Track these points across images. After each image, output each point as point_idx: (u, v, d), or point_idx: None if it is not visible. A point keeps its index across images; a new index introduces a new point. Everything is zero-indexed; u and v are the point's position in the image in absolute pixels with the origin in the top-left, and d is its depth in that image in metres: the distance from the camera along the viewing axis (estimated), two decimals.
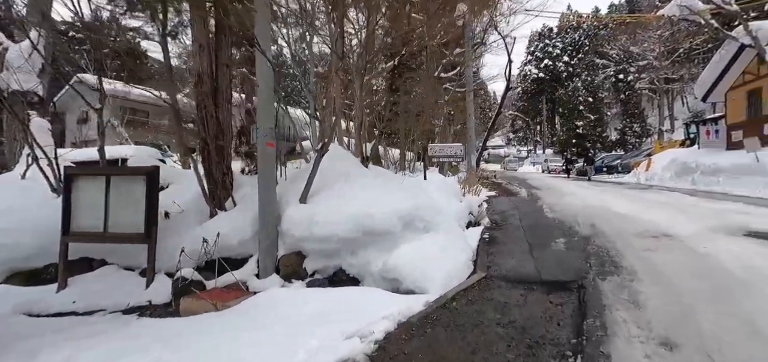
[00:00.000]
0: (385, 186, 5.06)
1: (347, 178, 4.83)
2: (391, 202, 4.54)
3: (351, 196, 4.51)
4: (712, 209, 6.88)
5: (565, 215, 7.11)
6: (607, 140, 39.70)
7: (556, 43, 51.24)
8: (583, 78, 42.81)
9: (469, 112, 13.87)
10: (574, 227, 5.96)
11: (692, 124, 21.55)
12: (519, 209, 8.47)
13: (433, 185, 7.03)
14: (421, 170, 18.17)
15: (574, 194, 10.99)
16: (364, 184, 4.87)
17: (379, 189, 4.83)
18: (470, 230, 6.36)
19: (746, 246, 4.15)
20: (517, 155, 53.59)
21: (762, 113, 12.94)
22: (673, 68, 35.45)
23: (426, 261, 4.07)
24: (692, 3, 11.12)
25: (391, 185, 5.22)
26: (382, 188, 4.94)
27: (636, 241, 4.70)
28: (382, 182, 5.20)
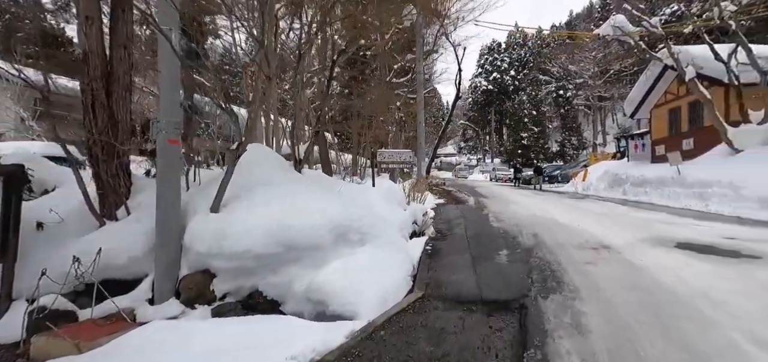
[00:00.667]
0: (318, 194, 4.51)
1: (272, 184, 4.22)
2: (322, 212, 4.00)
3: (275, 205, 3.90)
4: (642, 219, 7.14)
5: (509, 225, 7.01)
6: (548, 152, 42.20)
7: (504, 58, 53.85)
8: (528, 92, 45.39)
9: (420, 119, 13.73)
10: (518, 237, 5.81)
11: (622, 138, 23.40)
12: (465, 218, 8.32)
13: (377, 192, 6.60)
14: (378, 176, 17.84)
15: (518, 202, 11.16)
16: (293, 191, 4.29)
17: (310, 197, 4.28)
18: (414, 241, 6.00)
19: (677, 258, 4.15)
20: (467, 163, 55.29)
21: (681, 129, 14.18)
22: (605, 87, 38.62)
23: (359, 280, 3.58)
24: (624, 25, 11.87)
25: (326, 192, 4.69)
26: (315, 196, 4.39)
27: (577, 253, 4.58)
28: (315, 189, 4.64)
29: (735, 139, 10.03)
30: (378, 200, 6.28)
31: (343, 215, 4.12)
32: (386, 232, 4.78)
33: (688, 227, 6.01)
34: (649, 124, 16.75)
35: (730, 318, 2.57)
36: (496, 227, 6.93)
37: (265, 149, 4.68)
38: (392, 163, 12.75)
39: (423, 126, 13.91)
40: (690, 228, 5.93)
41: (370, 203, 5.71)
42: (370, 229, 4.35)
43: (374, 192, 6.58)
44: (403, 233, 5.98)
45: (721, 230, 5.65)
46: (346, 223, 4.06)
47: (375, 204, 6.00)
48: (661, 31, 11.33)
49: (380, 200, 6.30)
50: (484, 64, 54.88)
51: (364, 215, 4.48)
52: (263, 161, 4.42)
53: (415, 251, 5.19)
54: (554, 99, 46.94)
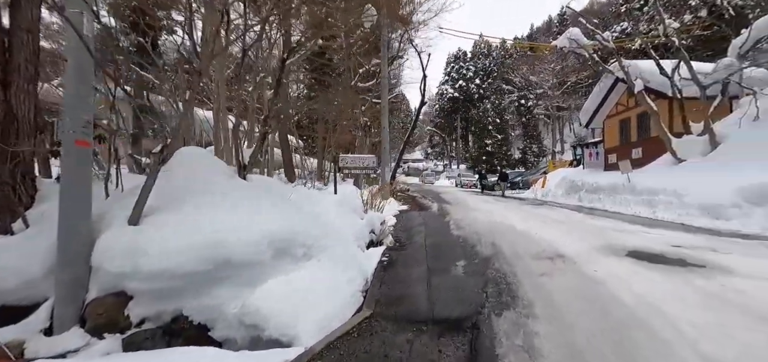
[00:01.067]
0: (262, 203, 4.11)
1: (208, 192, 3.78)
2: (262, 223, 3.63)
3: (208, 216, 3.48)
4: (597, 226, 7.28)
5: (469, 233, 6.91)
6: (511, 158, 43.57)
7: (469, 67, 55.25)
8: (492, 101, 46.75)
9: (384, 124, 13.54)
10: (476, 246, 5.68)
11: (578, 147, 24.49)
12: (427, 226, 8.16)
13: (332, 200, 6.26)
14: (341, 182, 17.39)
15: (479, 209, 11.20)
16: (232, 200, 3.87)
17: (251, 207, 3.88)
18: (371, 251, 5.73)
19: (629, 268, 4.14)
20: (434, 169, 56.02)
21: (631, 139, 14.95)
22: (563, 98, 40.57)
23: (301, 299, 3.25)
24: (579, 38, 12.33)
25: (273, 201, 4.29)
26: (258, 205, 3.99)
27: (533, 264, 4.48)
28: (260, 197, 4.24)
29: (678, 149, 10.63)
30: (332, 209, 5.96)
31: (287, 227, 3.76)
32: (338, 244, 4.46)
33: (639, 235, 6.15)
34: (603, 133, 17.58)
35: (684, 341, 2.48)
36: (456, 235, 6.79)
37: (202, 152, 4.22)
38: (355, 168, 12.48)
39: (387, 131, 13.72)
40: (640, 236, 6.07)
41: (323, 212, 5.37)
42: (317, 241, 4.01)
43: (330, 200, 6.25)
44: (360, 243, 5.70)
45: (669, 238, 5.81)
46: (290, 236, 3.71)
47: (328, 213, 5.68)
48: (612, 45, 11.86)
49: (335, 209, 5.98)
50: (451, 72, 56.03)
51: (312, 227, 4.14)
52: (198, 166, 3.96)
53: (370, 263, 4.92)
54: (516, 108, 48.69)
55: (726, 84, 10.17)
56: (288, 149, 21.07)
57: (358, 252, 5.18)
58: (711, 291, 3.31)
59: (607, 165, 16.29)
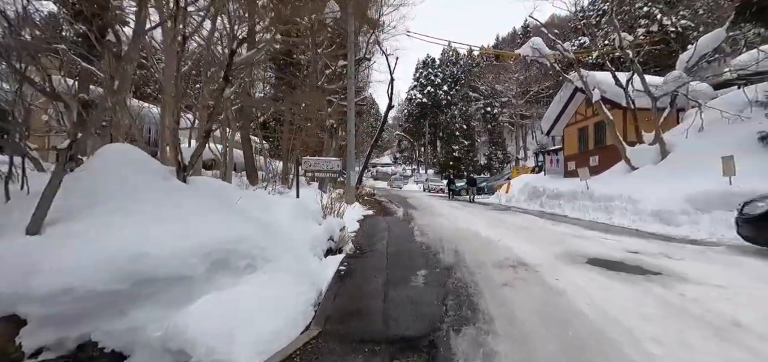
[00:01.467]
0: (200, 208, 3.67)
1: (132, 196, 3.29)
2: (198, 232, 3.20)
3: (130, 224, 3.00)
4: (558, 233, 7.33)
5: (432, 239, 6.72)
6: (477, 164, 44.52)
7: (437, 73, 56.10)
8: (460, 107, 47.68)
9: (350, 127, 13.21)
10: (439, 254, 5.48)
11: (540, 153, 25.33)
12: (390, 232, 7.91)
13: (288, 205, 5.85)
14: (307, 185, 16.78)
15: (444, 215, 11.12)
16: (163, 204, 3.40)
17: (186, 213, 3.43)
18: (329, 260, 5.37)
19: (589, 277, 4.07)
20: (402, 173, 56.20)
21: (589, 147, 15.53)
22: (526, 106, 42.04)
23: (239, 318, 2.86)
24: (541, 47, 12.65)
25: (213, 206, 3.85)
26: (194, 211, 3.55)
27: (495, 273, 4.32)
28: (201, 202, 3.79)
29: (632, 157, 11.09)
30: (287, 215, 5.55)
31: (229, 236, 3.35)
32: (289, 253, 4.09)
33: (597, 242, 6.20)
34: (562, 141, 18.21)
35: (645, 357, 2.35)
36: (419, 242, 6.58)
37: (131, 150, 3.70)
38: (318, 171, 12.01)
39: (353, 133, 13.40)
40: (599, 243, 6.12)
41: (275, 219, 4.97)
42: (264, 251, 3.62)
43: (285, 205, 5.83)
44: (317, 251, 5.33)
45: (626, 244, 5.89)
46: (231, 246, 3.30)
47: (282, 220, 5.27)
48: (572, 55, 12.26)
49: (290, 215, 5.58)
50: (419, 78, 56.61)
51: (259, 235, 3.75)
52: (123, 166, 3.46)
53: (326, 273, 4.58)
54: (483, 115, 49.90)
55: (674, 96, 10.75)
56: (250, 151, 20.23)
57: (313, 262, 4.82)
58: (670, 301, 3.26)
59: (567, 172, 16.86)
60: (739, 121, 9.23)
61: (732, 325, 2.75)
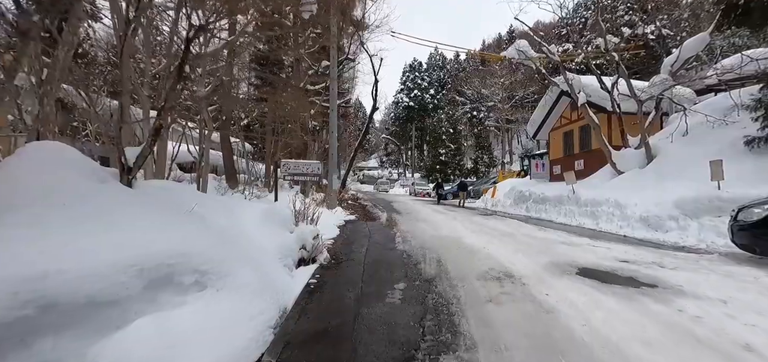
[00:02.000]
0: (144, 215, 3.18)
1: (57, 204, 2.79)
2: (133, 245, 2.72)
3: (51, 235, 2.51)
4: (545, 240, 7.03)
5: (414, 247, 6.33)
6: (464, 168, 44.53)
7: (424, 77, 56.11)
8: (446, 111, 47.67)
9: (332, 128, 12.74)
10: (420, 264, 5.08)
11: (525, 157, 25.32)
12: (371, 239, 7.49)
13: (257, 210, 5.37)
14: (289, 189, 16.20)
15: (428, 220, 10.75)
16: (98, 213, 2.90)
17: (121, 222, 2.94)
18: (300, 271, 4.92)
19: (581, 291, 3.74)
20: (389, 177, 55.91)
21: (574, 151, 15.44)
22: (512, 111, 42.25)
23: (178, 347, 2.41)
24: (526, 49, 12.47)
25: (159, 213, 3.36)
26: (133, 219, 3.06)
27: (479, 287, 3.94)
28: (142, 209, 3.30)
29: (618, 161, 10.96)
30: (255, 222, 5.08)
31: (171, 248, 2.88)
32: (250, 265, 3.62)
33: (587, 250, 5.91)
34: (548, 145, 18.14)
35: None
36: (400, 250, 6.17)
37: (62, 148, 3.17)
38: (298, 175, 11.54)
39: (335, 135, 12.94)
40: (588, 251, 5.83)
41: (235, 226, 4.49)
42: (218, 265, 3.15)
43: (254, 211, 5.35)
44: (287, 261, 4.87)
45: (616, 253, 5.62)
46: (174, 260, 2.82)
47: (248, 227, 4.80)
48: (557, 58, 12.11)
49: (258, 222, 5.11)
50: (406, 82, 56.55)
51: (213, 246, 3.28)
52: (49, 167, 2.95)
53: (294, 288, 4.13)
54: (469, 119, 50.04)
55: (659, 100, 10.67)
56: (230, 153, 19.54)
57: (281, 274, 4.35)
58: (671, 320, 2.93)
59: (553, 176, 16.75)
60: (725, 125, 9.16)
61: (744, 351, 2.43)
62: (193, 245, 3.06)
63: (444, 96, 54.98)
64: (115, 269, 2.47)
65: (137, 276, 2.56)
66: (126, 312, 2.48)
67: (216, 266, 3.13)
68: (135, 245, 2.67)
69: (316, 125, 16.50)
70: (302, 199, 9.32)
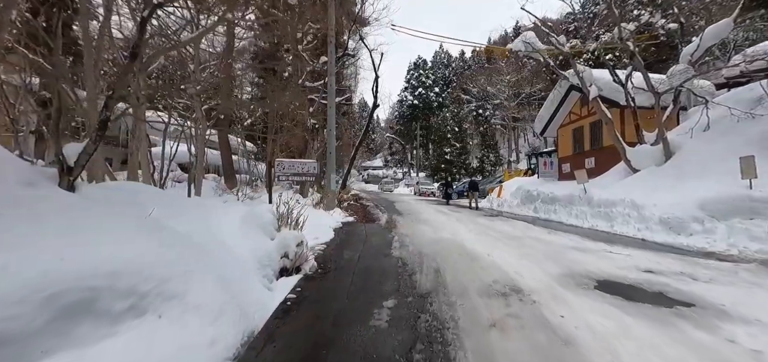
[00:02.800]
0: (76, 225, 2.65)
1: None
2: (43, 264, 2.18)
3: None
4: (556, 244, 6.42)
5: (411, 254, 5.75)
6: (470, 167, 43.80)
7: (429, 75, 55.39)
8: (451, 109, 46.92)
9: (330, 125, 12.20)
10: (415, 275, 4.51)
11: (533, 156, 24.57)
12: (366, 243, 6.94)
13: (235, 215, 4.83)
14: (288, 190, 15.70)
15: (430, 222, 10.15)
16: (7, 224, 2.38)
17: (46, 233, 2.41)
18: (280, 283, 4.40)
19: (602, 311, 3.14)
20: (393, 176, 55.34)
21: (584, 148, 14.72)
22: (518, 109, 41.41)
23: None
24: (534, 41, 11.80)
25: (99, 222, 2.83)
26: (62, 230, 2.53)
27: (482, 305, 3.36)
28: (76, 217, 2.76)
29: (633, 158, 10.26)
30: (233, 227, 4.55)
31: (94, 267, 2.33)
32: (213, 281, 3.08)
33: (603, 257, 5.30)
34: (556, 142, 17.42)
35: None
36: (396, 257, 5.60)
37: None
38: (293, 175, 11.03)
39: (333, 133, 12.40)
40: (605, 258, 5.21)
41: (212, 234, 3.96)
42: (162, 284, 2.62)
43: (233, 215, 4.82)
44: (267, 272, 4.34)
45: (638, 261, 4.99)
46: (99, 281, 2.28)
47: (224, 233, 4.27)
48: (567, 49, 11.43)
49: (236, 228, 4.57)
50: (411, 80, 55.89)
51: (156, 261, 2.73)
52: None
53: (269, 305, 3.59)
54: (475, 117, 49.27)
55: (678, 93, 9.96)
56: (228, 153, 19.13)
57: (255, 289, 3.81)
58: (722, 356, 2.32)
59: (562, 174, 16.05)
60: (751, 118, 8.43)
61: None
62: (129, 260, 2.52)
63: (449, 94, 54.21)
64: (8, 299, 1.94)
65: (43, 304, 2.02)
66: (24, 355, 1.95)
67: (160, 285, 2.59)
68: (41, 266, 2.14)
69: (315, 124, 15.99)
70: (296, 200, 8.80)
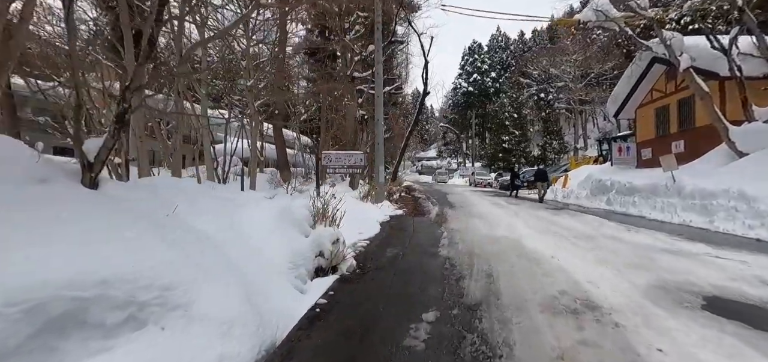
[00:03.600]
0: (85, 226, 2.47)
1: None
2: (20, 271, 1.98)
3: None
4: (639, 245, 5.34)
5: (461, 253, 5.12)
6: (530, 155, 41.03)
7: (484, 59, 52.78)
8: (510, 95, 44.24)
9: (377, 115, 11.79)
10: (463, 280, 3.90)
11: (604, 141, 22.06)
12: (412, 240, 6.44)
13: (268, 211, 4.59)
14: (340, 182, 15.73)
15: (484, 216, 9.30)
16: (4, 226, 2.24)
17: (47, 234, 2.24)
18: (315, 284, 4.07)
19: (722, 347, 2.30)
20: (448, 167, 53.93)
21: (670, 131, 12.67)
22: (586, 91, 37.66)
23: None
24: (607, 9, 10.24)
25: (110, 221, 2.64)
26: (68, 231, 2.35)
27: (545, 326, 2.68)
28: (87, 217, 2.60)
29: (739, 140, 8.45)
30: (265, 224, 4.30)
31: (84, 273, 2.09)
32: (223, 288, 2.78)
33: (707, 263, 4.22)
34: (633, 125, 15.30)
35: None
36: (443, 257, 5.01)
37: None
38: (340, 167, 10.83)
39: (381, 123, 11.98)
40: (710, 265, 4.14)
41: (238, 232, 3.73)
42: (167, 292, 2.34)
43: (266, 212, 4.57)
44: (300, 272, 4.03)
45: (757, 270, 3.87)
46: (89, 291, 2.03)
47: (252, 231, 4.02)
48: (650, 13, 9.73)
49: (269, 224, 4.31)
50: (465, 66, 53.73)
51: (163, 266, 2.47)
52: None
53: (297, 311, 3.25)
54: (536, 102, 45.98)
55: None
56: (283, 146, 19.69)
57: (283, 293, 3.50)
58: None
59: (641, 161, 14.03)
60: None
61: None
62: (127, 265, 2.26)
63: (507, 79, 51.16)
64: None
65: (24, 317, 1.81)
66: None
67: (164, 293, 2.31)
68: (24, 272, 1.93)
69: (364, 115, 15.74)
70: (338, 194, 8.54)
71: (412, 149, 50.99)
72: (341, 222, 4.98)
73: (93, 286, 2.02)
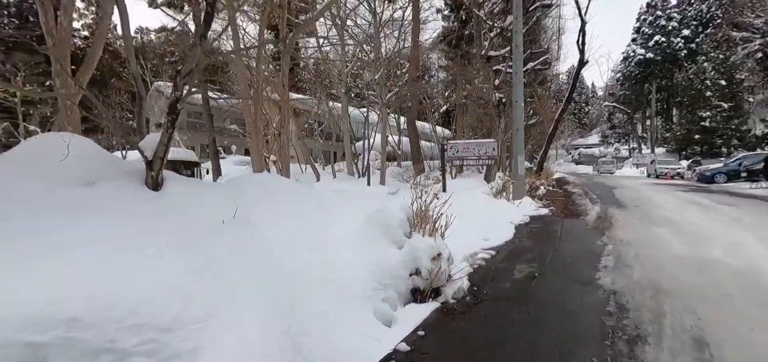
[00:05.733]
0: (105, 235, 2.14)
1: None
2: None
3: None
4: None
5: (636, 287, 3.30)
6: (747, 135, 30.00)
7: (672, 14, 41.09)
8: (713, 57, 33.21)
9: (516, 97, 9.87)
10: (641, 344, 2.28)
11: None
12: (556, 253, 4.77)
13: (359, 213, 3.82)
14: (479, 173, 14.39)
15: (675, 222, 6.48)
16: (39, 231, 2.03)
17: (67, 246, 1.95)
18: (407, 311, 3.17)
19: None
20: (615, 155, 44.58)
21: None
22: None
23: None
24: None
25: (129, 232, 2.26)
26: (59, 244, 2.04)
27: None
28: (132, 220, 2.29)
29: None
30: (350, 230, 3.56)
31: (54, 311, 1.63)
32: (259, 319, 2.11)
33: None
34: None
35: None
36: (604, 290, 3.30)
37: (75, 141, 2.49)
38: (468, 157, 9.54)
39: (521, 105, 10.01)
40: None
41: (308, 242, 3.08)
42: (166, 333, 1.77)
43: (356, 215, 3.82)
44: (388, 295, 3.18)
45: None
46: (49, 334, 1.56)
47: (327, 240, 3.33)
48: None
49: (356, 230, 3.56)
50: (641, 27, 42.92)
51: (169, 295, 1.90)
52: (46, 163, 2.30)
53: (370, 354, 2.39)
54: (758, 62, 33.04)
55: None
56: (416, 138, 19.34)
57: (352, 327, 2.67)
58: None
59: None
60: None
61: None
62: (118, 295, 1.73)
63: (708, 37, 38.43)
64: None
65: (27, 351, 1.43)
66: None
67: (159, 336, 1.72)
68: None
69: (501, 98, 13.75)
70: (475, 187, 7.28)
71: (566, 135, 44.02)
72: (448, 230, 3.82)
73: (56, 326, 1.54)
